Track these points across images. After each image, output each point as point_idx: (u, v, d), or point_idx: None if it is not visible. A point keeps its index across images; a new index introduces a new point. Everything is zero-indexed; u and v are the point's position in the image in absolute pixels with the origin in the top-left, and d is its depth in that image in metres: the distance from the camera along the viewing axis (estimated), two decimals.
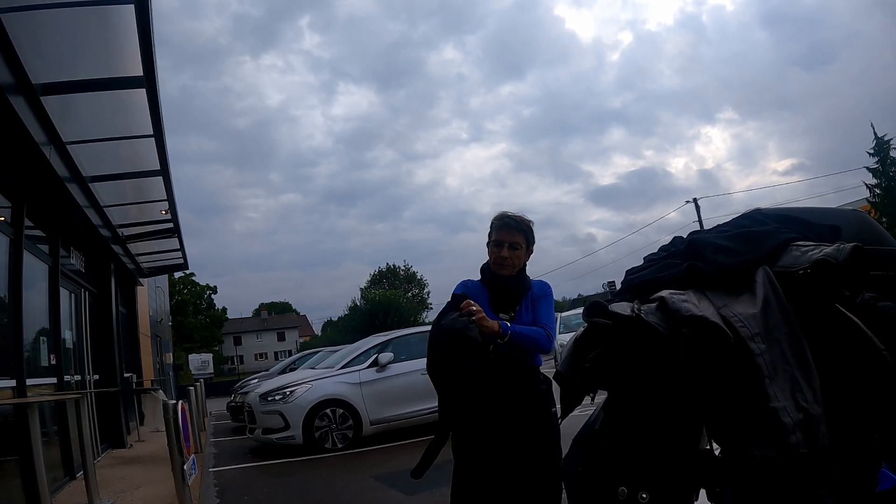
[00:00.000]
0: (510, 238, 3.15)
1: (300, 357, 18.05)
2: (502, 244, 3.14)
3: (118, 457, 9.77)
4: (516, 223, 3.17)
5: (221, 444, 12.13)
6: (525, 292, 3.18)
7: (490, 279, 3.18)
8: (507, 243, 3.14)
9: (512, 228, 3.16)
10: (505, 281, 3.15)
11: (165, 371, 25.24)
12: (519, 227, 3.17)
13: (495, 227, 3.18)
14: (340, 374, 10.00)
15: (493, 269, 3.18)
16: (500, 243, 3.15)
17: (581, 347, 2.06)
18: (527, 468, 2.91)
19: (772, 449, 1.71)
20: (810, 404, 1.73)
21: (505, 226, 3.16)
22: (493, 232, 3.20)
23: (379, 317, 47.39)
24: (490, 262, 3.20)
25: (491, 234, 3.21)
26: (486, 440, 2.91)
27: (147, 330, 18.53)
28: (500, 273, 3.16)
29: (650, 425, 2.04)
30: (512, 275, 3.17)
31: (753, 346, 1.77)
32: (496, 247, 3.16)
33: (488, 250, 3.23)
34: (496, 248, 3.16)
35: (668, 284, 2.07)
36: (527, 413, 2.99)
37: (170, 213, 10.40)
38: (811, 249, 1.93)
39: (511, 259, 3.14)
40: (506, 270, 3.16)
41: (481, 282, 3.22)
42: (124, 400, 11.49)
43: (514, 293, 3.16)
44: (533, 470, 2.92)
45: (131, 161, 8.03)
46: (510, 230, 3.16)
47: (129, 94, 6.01)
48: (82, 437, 6.07)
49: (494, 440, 2.91)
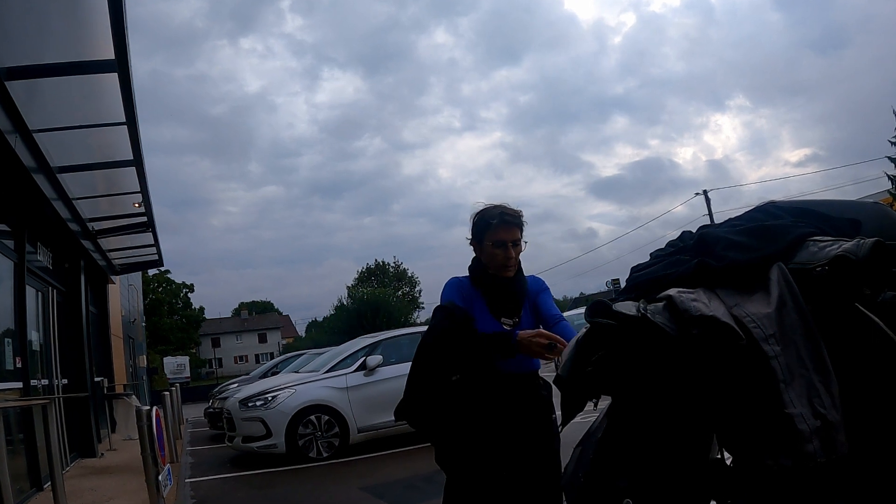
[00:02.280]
0: (512, 236, 3.00)
1: (283, 360, 18.02)
2: (505, 244, 2.98)
3: (88, 467, 9.73)
4: (516, 219, 3.02)
5: (199, 453, 12.11)
6: (526, 293, 3.11)
7: (491, 282, 3.03)
8: (511, 242, 2.99)
9: (513, 225, 3.00)
10: (509, 283, 3.04)
11: (139, 375, 25.20)
12: (518, 222, 3.02)
13: (494, 225, 2.99)
14: (326, 378, 9.99)
15: (494, 272, 3.03)
16: (503, 243, 2.98)
17: (583, 350, 2.05)
18: (526, 479, 2.90)
19: (787, 458, 1.70)
20: (828, 410, 1.72)
21: (505, 223, 2.98)
22: (490, 231, 3.00)
23: (367, 317, 47.47)
24: (490, 264, 3.03)
25: (485, 232, 3.02)
26: (483, 450, 2.89)
27: (119, 331, 18.48)
28: (505, 276, 3.02)
29: (657, 433, 2.03)
30: (514, 276, 3.06)
31: (767, 349, 1.77)
32: (499, 248, 2.98)
33: (480, 249, 3.07)
34: (499, 249, 2.98)
35: (677, 282, 2.06)
36: (527, 421, 2.97)
37: (143, 206, 10.36)
38: (829, 245, 1.92)
39: (515, 259, 3.03)
40: (511, 272, 3.03)
41: (473, 283, 3.07)
42: (95, 406, 11.44)
43: (519, 295, 3.07)
44: (533, 481, 2.90)
45: (102, 150, 8.00)
46: (511, 227, 3.00)
47: (99, 78, 5.97)
48: (50, 446, 6.03)
49: (492, 450, 2.88)
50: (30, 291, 8.57)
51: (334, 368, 10.20)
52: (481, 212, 3.07)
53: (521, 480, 2.88)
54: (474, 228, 3.08)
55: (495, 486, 2.86)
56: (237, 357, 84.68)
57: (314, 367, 11.14)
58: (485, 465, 2.87)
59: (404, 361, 9.78)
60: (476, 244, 3.09)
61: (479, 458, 2.87)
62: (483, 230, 3.03)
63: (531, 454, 2.93)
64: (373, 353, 10.23)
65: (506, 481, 2.86)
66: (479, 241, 3.06)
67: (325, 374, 10.09)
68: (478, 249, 3.09)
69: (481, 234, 3.04)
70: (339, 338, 29.63)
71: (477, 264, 3.10)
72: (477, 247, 3.09)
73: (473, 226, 3.09)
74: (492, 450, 2.87)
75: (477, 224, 3.07)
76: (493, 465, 2.87)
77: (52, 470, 6.00)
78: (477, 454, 2.87)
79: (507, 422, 2.91)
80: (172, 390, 14.04)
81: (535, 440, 2.96)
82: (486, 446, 2.87)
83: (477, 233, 3.07)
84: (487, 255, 3.03)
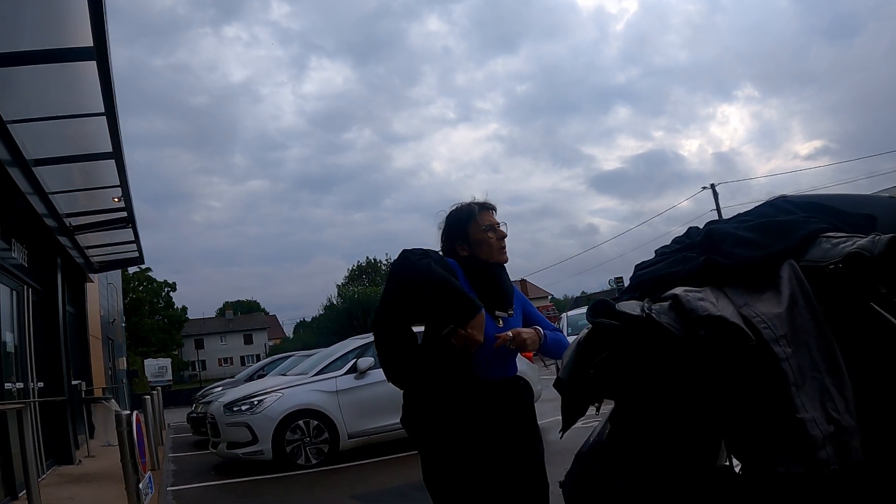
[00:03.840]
0: (495, 219, 3.05)
1: (269, 362, 18.00)
2: (495, 225, 3.02)
3: (65, 474, 9.69)
4: (493, 205, 3.09)
5: (181, 459, 12.08)
6: (513, 289, 3.11)
7: (486, 272, 3.00)
8: (496, 224, 3.04)
9: (493, 209, 3.07)
10: (504, 272, 3.05)
11: (118, 378, 25.14)
12: (495, 208, 3.09)
13: (477, 211, 3.02)
14: (315, 381, 9.97)
15: (487, 259, 3.00)
16: (492, 226, 3.01)
17: (585, 351, 2.04)
18: (513, 487, 2.87)
19: (799, 465, 1.70)
20: (842, 415, 1.72)
21: (486, 208, 3.05)
22: (474, 220, 3.01)
23: (358, 317, 47.44)
24: (483, 251, 3.00)
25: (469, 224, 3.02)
26: (466, 461, 2.86)
27: (98, 332, 18.43)
28: (501, 260, 3.04)
29: (662, 438, 2.03)
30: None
31: (778, 350, 1.76)
32: (490, 230, 3.00)
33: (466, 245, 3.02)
34: (491, 231, 3.00)
35: (683, 280, 2.06)
36: (510, 429, 2.93)
37: (123, 201, 10.33)
38: (843, 241, 1.92)
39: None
40: (506, 256, 3.05)
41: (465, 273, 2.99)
42: (72, 410, 11.40)
43: (511, 287, 3.07)
44: (520, 489, 2.89)
45: (80, 142, 7.96)
46: (492, 211, 3.07)
47: (77, 67, 5.94)
48: (25, 453, 6.01)
49: (475, 460, 2.86)
50: (4, 290, 8.55)
51: (324, 371, 10.17)
52: (454, 210, 3.09)
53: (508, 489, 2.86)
54: (453, 227, 3.07)
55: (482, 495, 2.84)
56: (221, 359, 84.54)
57: (302, 370, 11.12)
58: (470, 479, 2.83)
59: None
60: (460, 244, 3.05)
61: (465, 472, 2.84)
62: (465, 222, 3.04)
63: (516, 463, 2.90)
64: (364, 354, 10.19)
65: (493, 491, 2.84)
66: (463, 238, 3.03)
67: (313, 377, 10.06)
68: (463, 248, 3.05)
69: (464, 227, 3.03)
70: (329, 339, 29.63)
71: (463, 255, 3.04)
72: (461, 246, 3.05)
73: (450, 226, 3.08)
74: (476, 462, 2.85)
75: (455, 221, 3.07)
76: (479, 478, 2.84)
77: (27, 478, 5.97)
78: (461, 468, 2.84)
79: (489, 432, 2.87)
80: (154, 394, 13.98)
81: (522, 447, 2.93)
82: (470, 459, 2.84)
83: (458, 229, 3.05)
84: (479, 244, 3.01)
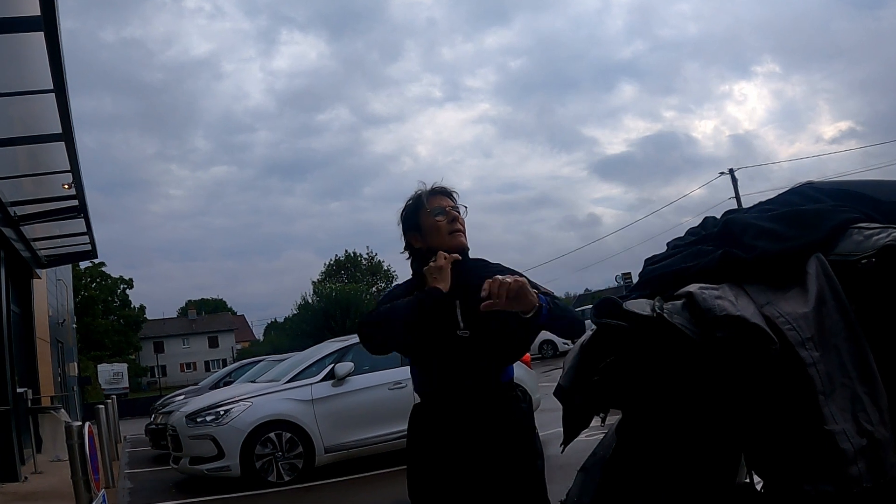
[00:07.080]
0: (447, 203, 3.02)
1: (237, 368, 18.03)
2: (444, 208, 2.98)
3: (9, 492, 9.69)
4: (445, 189, 3.06)
5: (139, 476, 12.08)
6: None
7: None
8: (447, 207, 3.01)
9: (443, 194, 3.04)
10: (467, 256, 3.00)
11: (69, 385, 25.07)
12: (448, 192, 3.06)
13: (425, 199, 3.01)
14: (288, 389, 9.95)
15: (440, 245, 2.95)
16: (441, 209, 2.98)
17: (589, 356, 2.04)
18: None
19: (828, 483, 1.70)
20: (875, 427, 1.71)
21: (434, 193, 3.02)
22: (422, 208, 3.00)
23: (336, 317, 47.42)
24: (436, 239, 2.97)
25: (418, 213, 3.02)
26: (453, 477, 2.85)
27: (46, 334, 18.35)
28: (457, 243, 2.98)
29: (675, 453, 2.02)
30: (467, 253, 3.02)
31: (805, 354, 1.76)
32: (438, 214, 2.97)
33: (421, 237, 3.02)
34: (439, 215, 2.97)
35: (698, 276, 2.05)
36: (503, 440, 2.92)
37: (74, 188, 10.29)
38: (877, 233, 1.92)
39: (462, 222, 3.02)
40: (462, 237, 3.00)
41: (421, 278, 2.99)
42: (17, 421, 11.36)
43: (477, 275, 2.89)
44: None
45: (25, 123, 7.93)
46: (441, 196, 3.03)
47: (22, 38, 5.91)
48: None
49: (464, 477, 2.85)
50: None
51: (297, 378, 10.16)
52: (405, 204, 3.10)
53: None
54: (406, 219, 3.08)
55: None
56: (184, 364, 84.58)
57: (274, 377, 11.11)
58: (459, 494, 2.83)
59: (379, 369, 9.77)
60: (412, 235, 3.06)
61: (451, 490, 2.83)
62: (414, 211, 3.05)
63: (512, 478, 2.89)
64: (342, 359, 10.18)
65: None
66: (416, 228, 3.04)
67: (286, 385, 10.05)
68: (416, 239, 3.05)
69: (415, 216, 3.04)
70: (303, 342, 29.60)
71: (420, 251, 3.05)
72: (414, 237, 3.06)
73: (403, 219, 3.09)
74: (464, 480, 2.83)
75: (407, 213, 3.08)
76: (469, 493, 2.83)
77: None
78: (448, 486, 2.83)
79: (481, 443, 2.86)
80: (108, 403, 13.97)
81: (516, 462, 2.92)
82: (457, 476, 2.83)
83: (410, 219, 3.06)
84: (429, 231, 3.01)
